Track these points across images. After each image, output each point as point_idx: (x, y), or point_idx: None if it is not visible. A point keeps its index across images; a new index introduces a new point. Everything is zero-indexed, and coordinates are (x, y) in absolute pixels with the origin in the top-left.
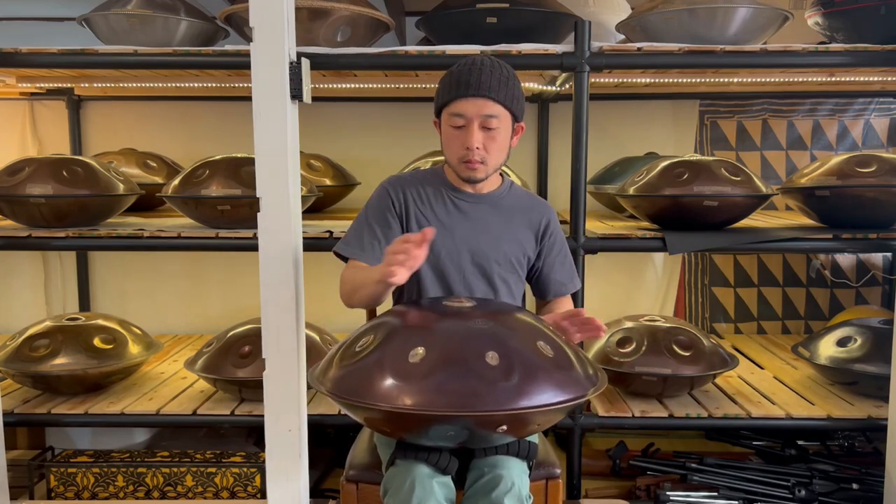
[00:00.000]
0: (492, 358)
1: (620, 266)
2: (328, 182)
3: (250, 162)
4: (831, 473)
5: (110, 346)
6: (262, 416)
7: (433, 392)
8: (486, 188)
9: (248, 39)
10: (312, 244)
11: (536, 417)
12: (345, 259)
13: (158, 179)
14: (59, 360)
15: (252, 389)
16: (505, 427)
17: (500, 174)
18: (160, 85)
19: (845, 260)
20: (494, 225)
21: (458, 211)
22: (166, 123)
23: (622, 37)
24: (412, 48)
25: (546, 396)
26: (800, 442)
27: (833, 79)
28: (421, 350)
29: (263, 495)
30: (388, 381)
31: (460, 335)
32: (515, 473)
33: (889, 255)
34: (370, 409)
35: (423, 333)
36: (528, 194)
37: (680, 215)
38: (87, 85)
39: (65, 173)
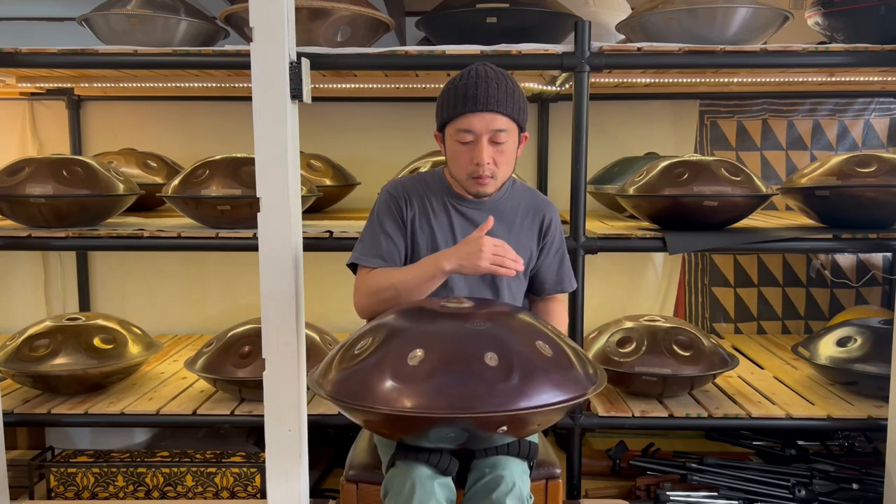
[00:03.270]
0: (490, 359)
1: (620, 266)
2: (328, 182)
3: (250, 162)
4: (831, 473)
5: (110, 346)
6: (262, 416)
7: (432, 394)
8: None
9: (248, 39)
10: (312, 244)
11: (536, 418)
12: (353, 269)
13: (158, 179)
14: (59, 360)
15: (252, 389)
16: (505, 428)
17: None
18: (160, 85)
19: (845, 260)
20: (496, 230)
21: (461, 218)
22: (166, 123)
23: (622, 37)
24: (412, 48)
25: (545, 396)
26: (800, 442)
27: (833, 79)
28: (419, 352)
29: (263, 495)
30: (387, 384)
31: (459, 336)
32: (516, 474)
33: (889, 255)
34: (369, 412)
35: (421, 335)
36: (531, 191)
37: (680, 215)
38: (87, 85)
39: (65, 173)
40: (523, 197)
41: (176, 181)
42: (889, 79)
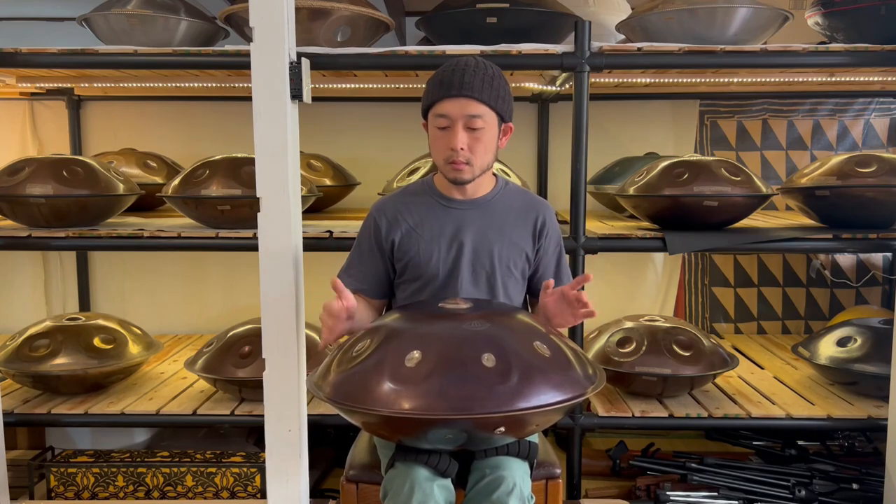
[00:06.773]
0: (488, 360)
1: (620, 266)
2: (328, 182)
3: (250, 162)
4: (831, 473)
5: (110, 346)
6: (262, 416)
7: (430, 396)
8: (479, 192)
9: (248, 39)
10: (312, 244)
11: (535, 418)
12: None
13: (158, 179)
14: (59, 360)
15: (252, 389)
16: (503, 429)
17: (494, 175)
18: (160, 85)
19: (845, 260)
20: (489, 230)
21: (450, 218)
22: (166, 123)
23: (622, 37)
24: (412, 48)
25: (544, 397)
26: (800, 442)
27: (833, 79)
28: (417, 354)
29: (263, 495)
30: (385, 386)
31: (456, 337)
32: (517, 474)
33: (889, 255)
34: (367, 415)
35: (418, 337)
36: (524, 192)
37: (680, 215)
38: (87, 85)
39: (65, 173)
40: (516, 198)
41: (176, 181)
42: (889, 79)
